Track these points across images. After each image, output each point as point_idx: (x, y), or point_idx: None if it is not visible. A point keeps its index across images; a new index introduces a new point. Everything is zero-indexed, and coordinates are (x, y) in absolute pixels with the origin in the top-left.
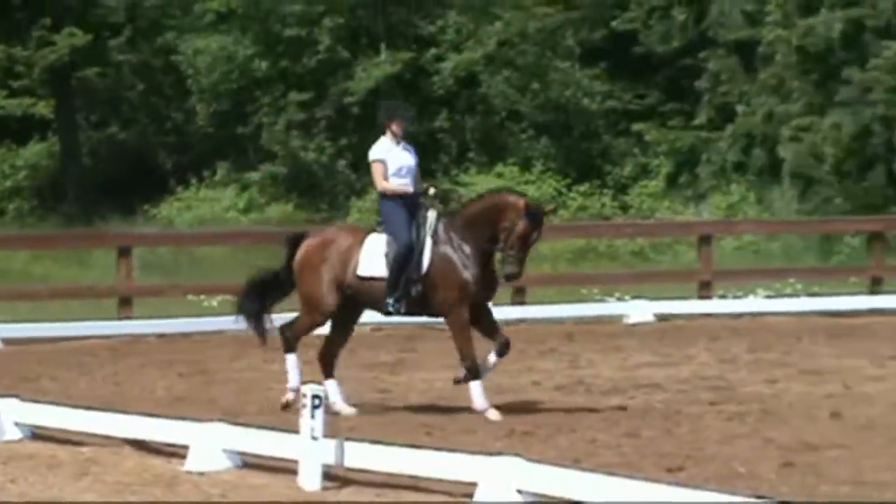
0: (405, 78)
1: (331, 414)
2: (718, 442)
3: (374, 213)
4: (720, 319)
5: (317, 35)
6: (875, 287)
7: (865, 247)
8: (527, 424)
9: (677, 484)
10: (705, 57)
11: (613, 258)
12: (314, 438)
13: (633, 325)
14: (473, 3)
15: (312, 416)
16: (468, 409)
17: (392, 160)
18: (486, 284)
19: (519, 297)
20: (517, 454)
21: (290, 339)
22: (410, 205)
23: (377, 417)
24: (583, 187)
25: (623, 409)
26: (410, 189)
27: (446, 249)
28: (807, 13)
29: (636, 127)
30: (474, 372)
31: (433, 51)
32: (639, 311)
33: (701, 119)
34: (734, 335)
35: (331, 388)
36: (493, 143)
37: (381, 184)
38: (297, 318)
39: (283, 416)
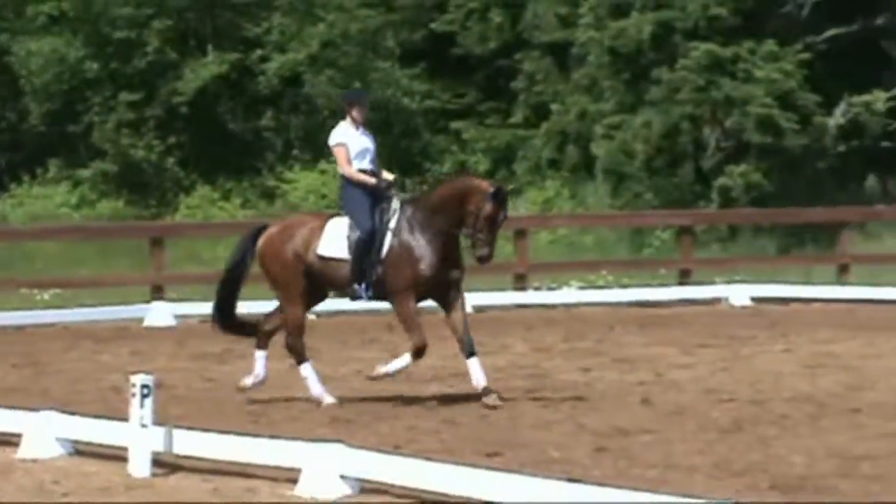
0: (232, 78)
1: (255, 380)
2: (534, 428)
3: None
4: (535, 310)
5: (146, 37)
6: (683, 278)
7: (675, 240)
8: (350, 412)
9: (494, 468)
10: (521, 58)
11: None
12: (143, 426)
13: None
14: (297, 6)
15: (141, 405)
16: (293, 398)
17: (353, 144)
18: (452, 266)
19: None
20: (340, 441)
21: (295, 346)
22: (373, 190)
23: (205, 406)
24: None
25: (441, 397)
26: (373, 181)
27: (407, 238)
28: (618, 16)
29: (455, 125)
30: (417, 352)
31: (258, 52)
32: None
33: (517, 118)
34: (549, 325)
35: (259, 357)
36: (316, 141)
37: (345, 167)
38: (286, 318)
39: (114, 406)
